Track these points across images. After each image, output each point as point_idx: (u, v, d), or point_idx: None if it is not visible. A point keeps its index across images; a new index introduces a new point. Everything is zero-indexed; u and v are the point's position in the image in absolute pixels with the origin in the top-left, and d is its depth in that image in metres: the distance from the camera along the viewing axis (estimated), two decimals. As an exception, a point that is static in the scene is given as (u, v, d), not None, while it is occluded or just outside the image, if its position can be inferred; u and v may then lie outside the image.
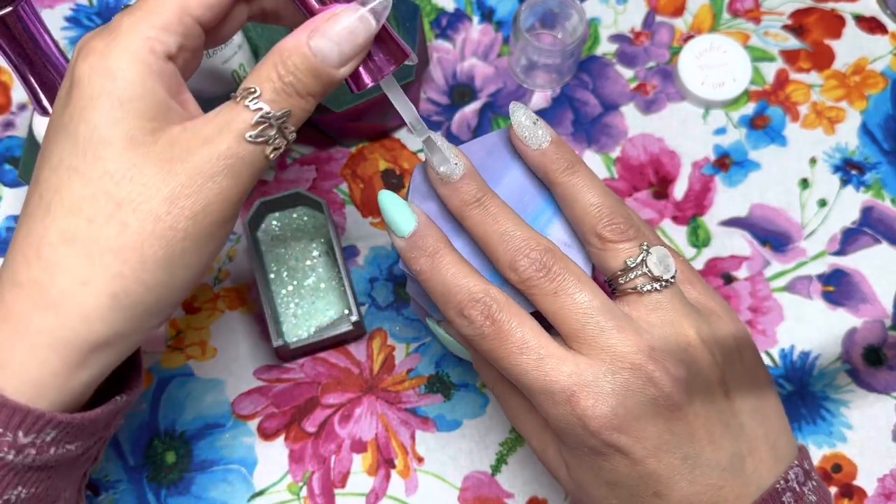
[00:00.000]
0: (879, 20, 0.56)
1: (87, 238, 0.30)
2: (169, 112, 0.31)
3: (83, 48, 0.31)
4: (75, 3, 0.57)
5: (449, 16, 0.56)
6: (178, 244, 0.30)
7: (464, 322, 0.32)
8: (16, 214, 0.52)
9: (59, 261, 0.30)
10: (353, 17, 0.30)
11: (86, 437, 0.32)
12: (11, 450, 0.30)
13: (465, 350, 0.37)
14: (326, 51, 0.30)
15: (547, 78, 0.54)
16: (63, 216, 0.30)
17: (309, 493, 0.46)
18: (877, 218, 0.51)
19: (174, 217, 0.30)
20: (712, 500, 0.32)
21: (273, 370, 0.48)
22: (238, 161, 0.30)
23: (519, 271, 0.32)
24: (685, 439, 0.32)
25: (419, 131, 0.33)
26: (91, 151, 0.30)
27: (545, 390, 0.31)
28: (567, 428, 0.32)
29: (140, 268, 0.30)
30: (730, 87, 0.53)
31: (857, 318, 0.49)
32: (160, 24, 0.30)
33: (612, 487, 0.32)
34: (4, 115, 0.54)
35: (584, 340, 0.32)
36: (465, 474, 0.46)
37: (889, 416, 0.47)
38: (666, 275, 0.33)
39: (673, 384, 0.31)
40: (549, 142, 0.34)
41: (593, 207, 0.33)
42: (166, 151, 0.30)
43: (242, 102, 0.30)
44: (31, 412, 0.30)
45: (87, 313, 0.30)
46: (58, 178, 0.30)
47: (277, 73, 0.30)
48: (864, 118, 0.54)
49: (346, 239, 0.51)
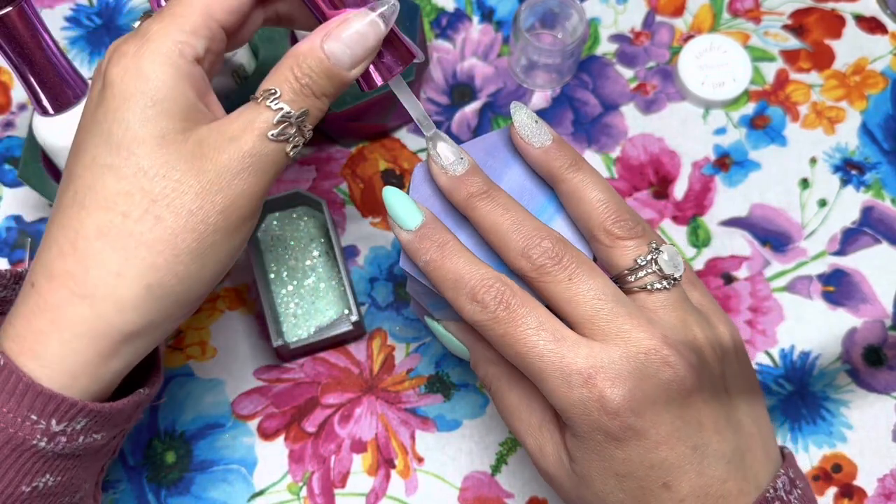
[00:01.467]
0: (879, 20, 0.56)
1: (122, 232, 0.31)
2: (197, 112, 0.32)
3: (115, 52, 0.32)
4: (75, 3, 0.57)
5: (449, 16, 0.56)
6: (208, 237, 0.32)
7: (476, 307, 0.32)
8: (16, 214, 0.52)
9: (94, 254, 0.31)
10: (363, 22, 0.32)
11: (111, 427, 0.34)
12: (44, 437, 0.31)
13: (464, 349, 0.37)
14: (339, 53, 0.32)
15: (547, 78, 0.54)
16: (98, 211, 0.31)
17: (309, 493, 0.46)
18: (877, 218, 0.51)
19: (205, 211, 0.31)
20: (717, 494, 0.32)
21: (273, 370, 0.48)
22: (261, 158, 0.32)
23: (532, 258, 0.32)
24: (695, 427, 0.32)
25: (426, 127, 0.35)
26: (125, 149, 0.31)
27: (562, 372, 0.31)
28: (582, 413, 0.31)
29: (174, 260, 0.31)
30: (730, 87, 0.53)
31: (857, 318, 0.49)
32: (188, 29, 0.32)
33: (621, 479, 0.32)
34: (4, 115, 0.54)
35: (598, 326, 0.32)
36: (465, 474, 0.46)
37: (889, 416, 0.47)
38: (676, 273, 0.33)
39: (687, 368, 0.32)
40: (552, 140, 0.34)
41: (601, 204, 0.34)
42: (196, 150, 0.31)
43: (264, 103, 0.32)
44: (64, 400, 0.31)
45: (122, 304, 0.31)
46: (91, 175, 0.32)
47: (294, 74, 0.32)
48: (864, 118, 0.54)
49: (346, 239, 0.51)
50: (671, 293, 0.33)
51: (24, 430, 0.31)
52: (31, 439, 0.31)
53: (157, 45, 0.32)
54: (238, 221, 0.33)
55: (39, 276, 0.32)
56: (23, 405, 0.31)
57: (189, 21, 0.32)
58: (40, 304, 0.32)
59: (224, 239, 0.32)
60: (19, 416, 0.31)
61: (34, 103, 0.42)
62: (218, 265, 0.33)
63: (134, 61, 0.31)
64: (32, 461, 0.32)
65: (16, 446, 0.31)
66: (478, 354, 0.36)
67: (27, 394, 0.31)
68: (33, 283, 0.32)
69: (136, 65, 0.31)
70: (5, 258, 0.51)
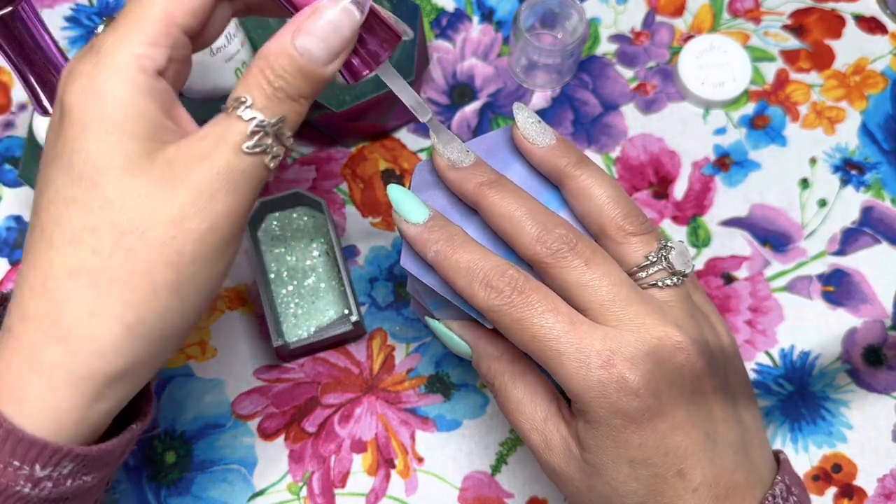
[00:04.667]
0: (879, 20, 0.56)
1: (93, 269, 0.29)
2: (163, 131, 0.30)
3: (70, 73, 0.29)
4: (75, 3, 0.57)
5: (449, 16, 0.56)
6: (187, 268, 0.29)
7: (491, 292, 0.32)
8: (16, 214, 0.52)
9: (66, 294, 0.29)
10: (335, 10, 0.29)
11: (101, 467, 0.32)
12: (28, 483, 0.29)
13: (466, 348, 0.37)
14: (312, 49, 0.29)
15: (547, 78, 0.54)
16: (65, 248, 0.29)
17: (309, 493, 0.46)
18: (877, 218, 0.51)
19: (180, 241, 0.29)
20: (728, 484, 0.32)
21: (273, 370, 0.48)
22: (238, 175, 0.29)
23: (548, 243, 0.32)
24: (706, 414, 0.32)
25: (421, 114, 0.33)
26: (87, 180, 0.29)
27: (581, 353, 0.31)
28: (600, 396, 0.31)
29: (151, 296, 0.29)
30: (730, 87, 0.53)
31: (857, 318, 0.49)
32: (147, 40, 0.29)
33: (636, 467, 0.32)
34: (4, 115, 0.54)
35: (612, 311, 0.32)
36: (465, 474, 0.46)
37: (889, 416, 0.47)
38: (686, 269, 0.34)
39: (699, 355, 0.32)
40: (556, 139, 0.35)
41: (611, 200, 0.34)
42: (165, 172, 0.29)
43: (234, 113, 0.29)
44: (47, 446, 0.29)
45: (101, 346, 0.29)
46: (56, 210, 0.29)
47: (266, 78, 0.29)
48: (864, 118, 0.54)
49: (346, 239, 0.51)
50: (679, 290, 0.34)
51: (6, 477, 0.29)
52: (14, 486, 0.29)
53: (113, 61, 0.29)
54: (219, 246, 0.30)
55: (14, 318, 0.30)
56: (4, 451, 0.29)
57: (147, 30, 0.29)
58: (16, 347, 0.30)
59: (204, 268, 0.30)
60: (1, 461, 0.29)
61: (34, 103, 0.42)
62: (200, 295, 0.30)
63: (90, 82, 0.29)
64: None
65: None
66: (480, 351, 0.36)
67: (8, 440, 0.29)
68: (9, 327, 0.30)
69: (92, 86, 0.28)
70: (5, 258, 0.51)
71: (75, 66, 0.29)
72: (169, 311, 0.30)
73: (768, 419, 0.47)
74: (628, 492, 0.32)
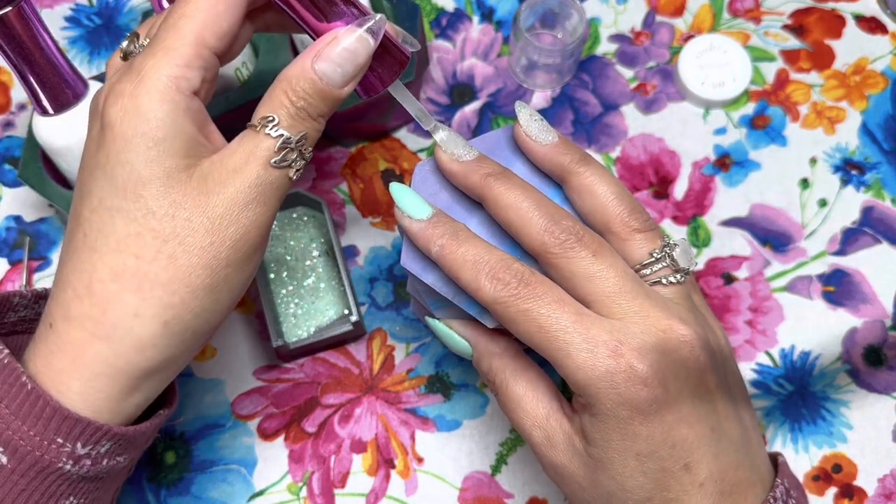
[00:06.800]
0: (879, 20, 0.56)
1: (137, 273, 0.32)
2: (199, 147, 0.32)
3: (111, 91, 0.32)
4: (75, 3, 0.57)
5: (449, 16, 0.56)
6: (221, 271, 0.32)
7: (498, 284, 0.32)
8: (16, 214, 0.52)
9: (110, 296, 0.32)
10: (352, 39, 0.32)
11: (133, 448, 0.35)
12: (69, 460, 0.32)
13: (467, 347, 0.37)
14: (330, 73, 0.32)
15: (547, 78, 0.53)
16: (110, 254, 0.32)
17: (309, 494, 0.46)
18: (877, 218, 0.51)
19: (216, 247, 0.32)
20: (732, 480, 0.32)
21: (273, 370, 0.48)
22: (267, 187, 0.33)
23: (556, 234, 0.32)
24: (710, 408, 0.32)
25: (425, 122, 0.35)
26: (131, 191, 0.31)
27: (588, 343, 0.31)
28: (608, 386, 0.31)
29: (189, 297, 0.32)
30: (730, 86, 0.53)
31: (857, 318, 0.49)
32: (182, 62, 0.32)
33: (642, 460, 0.32)
34: (4, 115, 0.54)
35: (618, 304, 0.32)
36: (465, 474, 0.46)
37: (889, 416, 0.47)
38: (690, 266, 0.34)
39: (702, 348, 0.32)
40: (558, 138, 0.35)
41: (615, 197, 0.34)
42: (201, 185, 0.32)
43: (263, 131, 0.32)
44: (90, 424, 0.32)
45: (141, 343, 0.32)
46: (100, 218, 0.32)
47: (290, 99, 0.32)
48: (865, 118, 0.54)
49: (346, 239, 0.51)
50: (681, 288, 0.34)
51: (49, 454, 0.32)
52: (57, 462, 0.32)
53: (153, 82, 0.31)
54: (249, 252, 0.33)
55: (57, 317, 0.33)
56: (49, 428, 0.31)
57: (182, 53, 0.32)
58: (59, 344, 0.32)
59: (236, 271, 0.33)
60: (45, 439, 0.31)
61: (34, 103, 0.42)
62: (231, 296, 0.34)
63: (132, 101, 0.31)
64: (57, 484, 0.32)
65: (41, 469, 0.32)
66: (481, 348, 0.36)
67: (54, 417, 0.31)
68: (51, 324, 0.33)
69: (134, 104, 0.31)
70: (5, 258, 0.51)
71: (116, 85, 0.32)
72: (203, 311, 0.33)
73: (768, 419, 0.47)
74: (634, 486, 0.32)
